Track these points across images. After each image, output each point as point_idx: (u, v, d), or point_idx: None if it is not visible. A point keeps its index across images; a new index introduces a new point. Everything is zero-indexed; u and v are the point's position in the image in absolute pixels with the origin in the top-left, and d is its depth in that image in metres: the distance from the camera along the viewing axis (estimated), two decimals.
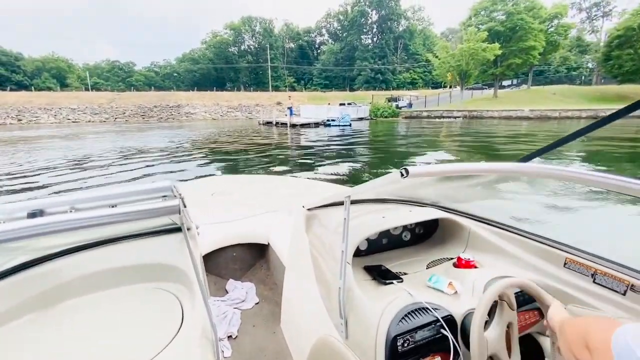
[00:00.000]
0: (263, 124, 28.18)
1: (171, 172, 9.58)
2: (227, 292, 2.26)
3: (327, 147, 14.33)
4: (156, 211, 0.80)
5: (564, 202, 5.58)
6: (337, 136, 19.00)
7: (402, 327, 0.96)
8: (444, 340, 0.96)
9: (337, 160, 11.02)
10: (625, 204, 5.44)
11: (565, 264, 1.20)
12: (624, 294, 1.02)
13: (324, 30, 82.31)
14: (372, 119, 33.33)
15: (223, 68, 71.55)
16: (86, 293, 1.33)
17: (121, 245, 1.49)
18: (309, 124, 25.15)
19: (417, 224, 1.64)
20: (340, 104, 34.35)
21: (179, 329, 1.13)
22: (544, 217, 4.89)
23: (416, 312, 1.00)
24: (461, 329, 1.01)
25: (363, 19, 70.22)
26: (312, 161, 11.07)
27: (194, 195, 3.26)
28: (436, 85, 66.63)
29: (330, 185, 4.08)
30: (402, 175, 0.83)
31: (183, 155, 12.43)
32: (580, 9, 54.99)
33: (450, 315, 1.01)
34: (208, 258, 2.28)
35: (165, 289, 1.36)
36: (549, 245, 1.28)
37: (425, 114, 33.39)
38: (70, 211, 0.94)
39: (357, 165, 10.16)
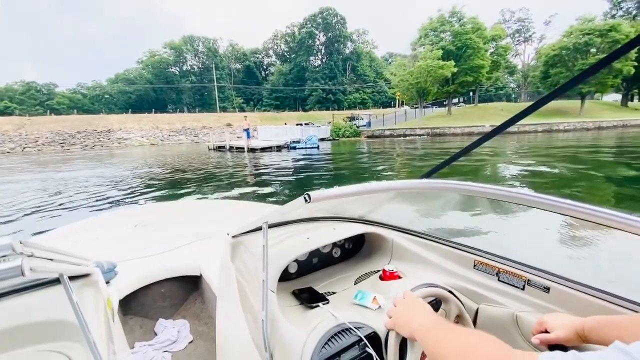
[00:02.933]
0: (214, 149, 24.24)
1: None
2: (156, 334, 1.96)
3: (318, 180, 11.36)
4: None
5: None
6: (316, 161, 16.14)
7: (326, 353, 0.93)
8: (370, 358, 0.97)
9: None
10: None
11: (474, 265, 1.25)
12: (523, 289, 1.10)
13: (271, 52, 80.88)
14: (334, 139, 31.30)
15: (163, 89, 65.87)
16: None
17: None
18: (270, 147, 21.96)
19: (346, 240, 1.61)
20: (298, 124, 32.04)
21: None
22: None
23: (340, 334, 0.98)
24: (385, 344, 0.99)
25: (311, 41, 70.09)
26: None
27: (114, 229, 2.96)
28: (385, 104, 68.32)
29: (263, 206, 4.02)
30: (306, 200, 0.87)
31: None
32: (506, 35, 60.45)
33: (374, 332, 1.00)
34: (132, 298, 1.97)
35: (56, 350, 1.16)
36: (460, 249, 1.33)
37: (387, 132, 32.24)
38: None
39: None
